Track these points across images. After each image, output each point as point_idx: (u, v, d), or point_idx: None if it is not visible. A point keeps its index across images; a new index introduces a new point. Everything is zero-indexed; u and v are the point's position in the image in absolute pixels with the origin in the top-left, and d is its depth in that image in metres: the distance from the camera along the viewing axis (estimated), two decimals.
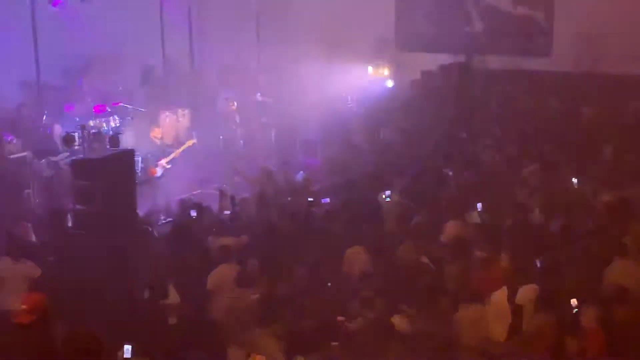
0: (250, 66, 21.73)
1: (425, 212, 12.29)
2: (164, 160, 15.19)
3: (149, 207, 14.62)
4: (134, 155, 12.51)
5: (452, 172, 14.57)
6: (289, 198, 13.95)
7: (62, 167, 14.96)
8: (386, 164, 16.06)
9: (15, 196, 14.57)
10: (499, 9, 21.98)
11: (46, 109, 17.11)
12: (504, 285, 9.57)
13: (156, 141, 15.26)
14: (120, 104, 17.63)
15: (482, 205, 12.53)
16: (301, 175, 15.01)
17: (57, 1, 17.60)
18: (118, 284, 10.33)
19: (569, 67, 20.07)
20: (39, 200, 14.90)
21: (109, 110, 17.24)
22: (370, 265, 10.35)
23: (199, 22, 21.27)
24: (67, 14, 18.41)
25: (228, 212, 13.16)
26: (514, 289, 9.53)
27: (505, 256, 10.30)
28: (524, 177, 14.01)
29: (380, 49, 22.33)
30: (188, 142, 16.39)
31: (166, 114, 18.10)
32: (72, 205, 11.33)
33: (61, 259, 11.05)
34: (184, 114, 18.68)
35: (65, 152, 15.39)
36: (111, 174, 10.91)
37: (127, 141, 16.31)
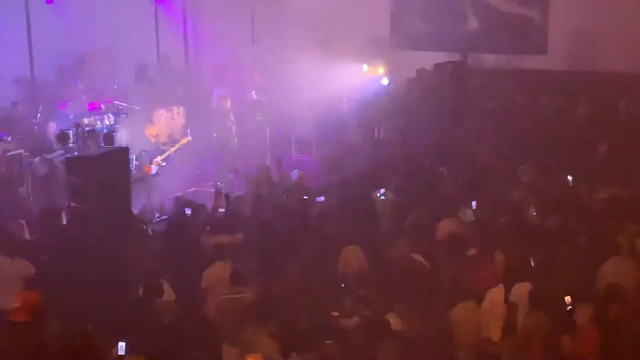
0: (245, 64, 21.69)
1: (420, 210, 12.29)
2: (159, 158, 15.16)
3: (143, 205, 14.62)
4: (129, 153, 12.47)
5: (446, 170, 14.56)
6: (284, 196, 13.93)
7: (56, 164, 14.93)
8: (381, 162, 16.06)
9: (9, 194, 14.55)
10: (494, 7, 22.01)
11: (40, 106, 17.06)
12: (498, 283, 9.57)
13: (151, 139, 15.23)
14: (115, 102, 17.60)
15: (476, 203, 12.54)
16: (296, 174, 14.99)
17: None
18: (112, 282, 10.30)
19: (564, 66, 20.13)
20: (34, 198, 14.88)
21: (103, 108, 17.21)
22: (365, 264, 10.34)
23: (193, 19, 21.24)
24: (62, 11, 18.39)
25: (223, 210, 13.14)
26: (508, 287, 9.54)
27: (500, 254, 10.30)
28: (519, 175, 14.02)
29: (376, 47, 22.32)
30: (183, 139, 16.36)
31: (161, 112, 18.07)
32: (67, 203, 11.31)
33: (55, 257, 11.02)
34: (178, 112, 18.65)
35: (60, 149, 15.36)
36: (105, 171, 10.88)
37: (121, 139, 16.31)
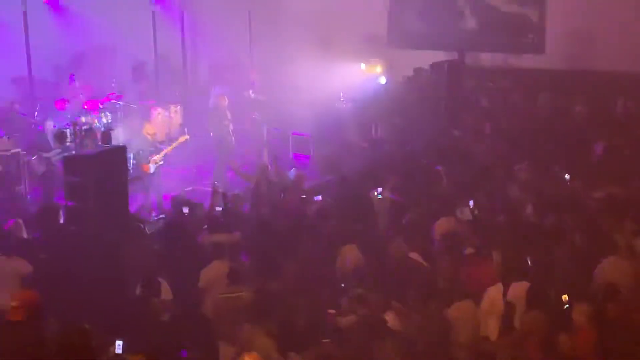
0: (242, 63, 21.70)
1: (418, 209, 12.29)
2: (156, 157, 15.14)
3: (141, 204, 14.62)
4: (126, 151, 12.46)
5: (444, 169, 14.56)
6: (281, 195, 13.92)
7: (54, 163, 14.92)
8: (379, 161, 16.06)
9: (7, 192, 14.54)
10: (491, 6, 22.01)
11: (38, 105, 17.06)
12: (495, 282, 9.58)
13: (148, 137, 15.21)
14: (112, 100, 17.61)
15: (474, 202, 12.54)
16: (293, 173, 14.98)
17: None
18: (110, 280, 10.29)
19: (562, 65, 20.14)
20: (31, 196, 14.87)
21: (100, 106, 17.21)
22: (362, 263, 10.34)
23: (191, 18, 21.22)
24: (59, 10, 18.40)
25: (220, 208, 13.14)
26: (505, 286, 9.54)
27: (497, 253, 10.31)
28: (516, 174, 14.02)
29: (374, 46, 22.33)
30: (180, 138, 16.33)
31: (158, 110, 18.07)
32: (64, 201, 11.30)
33: (53, 255, 11.01)
34: (176, 110, 18.66)
35: (57, 148, 15.35)
36: (103, 170, 10.87)
37: (119, 137, 16.30)
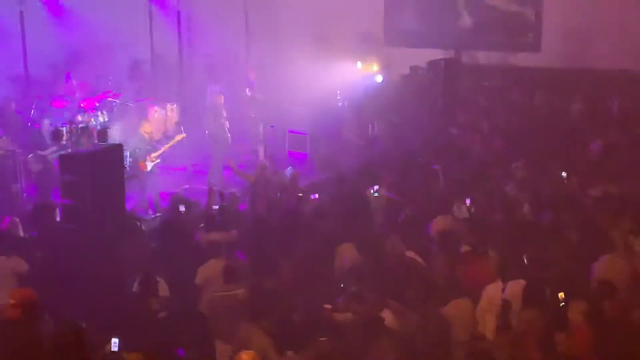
0: (238, 61, 21.68)
1: (414, 207, 12.30)
2: (153, 155, 15.13)
3: (137, 202, 14.61)
4: (123, 149, 12.46)
5: (440, 167, 14.57)
6: (278, 194, 13.93)
7: (50, 161, 14.91)
8: (375, 159, 16.06)
9: (3, 191, 14.52)
10: (488, 5, 22.04)
11: (34, 103, 17.04)
12: (491, 280, 9.58)
13: (145, 136, 15.20)
14: (109, 99, 17.59)
15: (470, 200, 12.55)
16: (290, 171, 14.99)
17: None
18: (107, 278, 10.29)
19: (558, 63, 20.16)
20: (27, 194, 14.85)
21: (97, 104, 17.19)
22: (359, 261, 10.33)
23: (187, 16, 21.20)
24: (55, 8, 18.37)
25: (216, 207, 13.13)
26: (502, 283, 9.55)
27: (494, 251, 10.31)
28: (513, 172, 14.03)
29: (370, 44, 22.33)
30: (177, 136, 16.33)
31: (155, 108, 18.05)
32: (61, 200, 11.30)
33: (49, 253, 11.01)
34: (172, 109, 18.64)
35: (54, 146, 15.33)
36: (99, 168, 10.88)
37: (115, 136, 16.28)
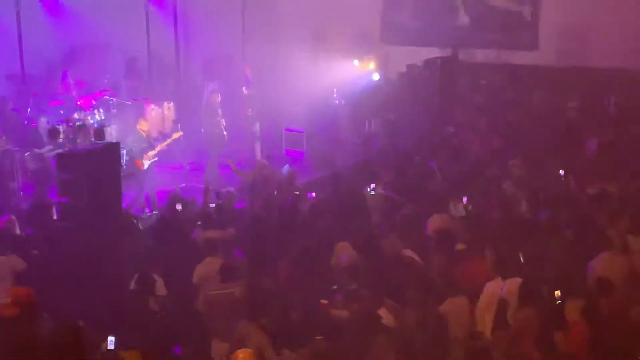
0: (235, 59, 21.66)
1: (411, 205, 12.30)
2: (150, 153, 15.11)
3: (134, 200, 14.60)
4: (119, 148, 12.45)
5: (437, 165, 14.57)
6: (275, 192, 13.92)
7: (47, 159, 14.88)
8: (372, 157, 16.07)
9: (0, 189, 14.50)
10: (485, 3, 22.01)
11: (31, 101, 17.02)
12: (488, 277, 9.58)
13: (142, 134, 15.18)
14: (105, 97, 17.58)
15: (467, 198, 12.55)
16: (286, 169, 14.98)
17: None
18: (104, 276, 10.29)
19: (555, 61, 20.17)
20: (24, 193, 14.83)
21: (94, 103, 17.18)
22: (356, 259, 10.33)
23: (184, 14, 21.17)
24: (52, 7, 18.35)
25: (213, 205, 13.13)
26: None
27: (490, 249, 10.30)
28: (510, 170, 14.04)
29: (367, 42, 22.32)
30: (174, 134, 16.30)
31: (152, 106, 18.04)
32: (57, 198, 11.29)
33: (46, 251, 11.00)
34: (169, 107, 18.62)
35: (50, 144, 15.31)
36: (96, 166, 10.86)
37: (112, 134, 16.28)
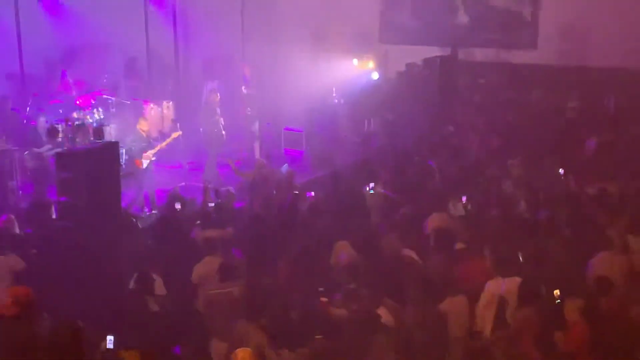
0: (234, 58, 21.66)
1: (410, 205, 12.29)
2: (149, 152, 15.10)
3: (133, 199, 14.59)
4: (119, 147, 12.44)
5: (436, 164, 14.57)
6: (274, 192, 13.92)
7: (46, 159, 14.87)
8: (371, 156, 16.07)
9: None
10: (484, 2, 22.01)
11: (30, 101, 17.00)
12: (487, 277, 9.57)
13: (142, 133, 15.17)
14: (104, 96, 17.57)
15: (466, 197, 12.54)
16: (285, 169, 14.98)
17: None
18: (103, 276, 10.29)
19: (554, 60, 20.18)
20: (23, 192, 14.82)
21: (93, 102, 17.17)
22: (355, 258, 10.32)
23: (183, 13, 21.16)
24: (51, 6, 18.33)
25: (213, 204, 13.13)
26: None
27: (489, 248, 10.29)
28: (509, 169, 14.04)
29: (366, 41, 22.31)
30: (174, 134, 16.29)
31: (151, 106, 18.03)
32: (56, 197, 11.28)
33: (45, 251, 10.99)
34: (168, 106, 18.62)
35: (49, 144, 15.30)
36: (95, 166, 10.86)
37: (111, 133, 16.26)
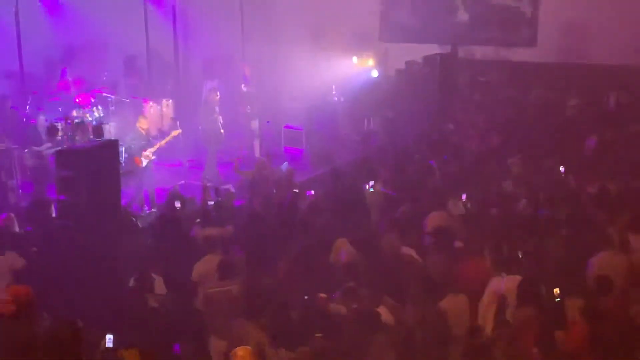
0: (234, 56, 21.66)
1: (410, 203, 12.28)
2: (149, 151, 15.10)
3: (133, 198, 14.59)
4: (118, 145, 12.44)
5: (436, 162, 14.56)
6: (274, 190, 13.92)
7: (45, 157, 14.87)
8: (371, 154, 16.06)
9: None
10: (484, 0, 22.00)
11: (29, 99, 17.00)
12: (487, 275, 9.57)
13: (141, 131, 15.17)
14: (104, 94, 17.56)
15: (466, 195, 12.53)
16: (285, 167, 14.98)
17: None
18: (102, 274, 10.28)
19: (554, 58, 20.16)
20: (23, 190, 14.82)
21: (92, 100, 17.17)
22: (355, 257, 10.32)
23: (183, 12, 21.15)
24: (51, 4, 18.33)
25: (212, 202, 13.13)
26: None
27: (489, 247, 10.28)
28: (509, 167, 14.02)
29: (365, 39, 22.30)
30: (173, 132, 16.29)
31: (150, 104, 18.03)
32: (56, 195, 11.29)
33: (45, 249, 10.99)
34: (167, 105, 18.62)
35: (49, 142, 15.30)
36: (95, 164, 10.86)
37: (111, 131, 16.26)
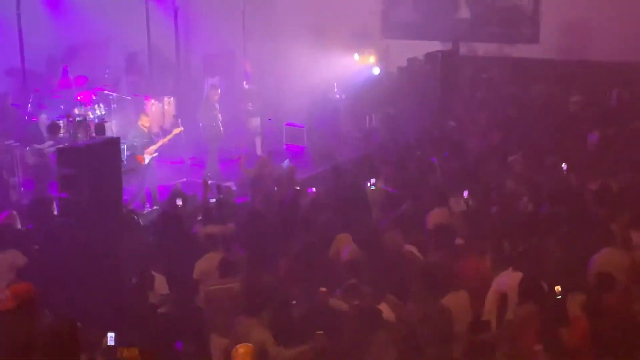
0: (235, 54, 21.66)
1: (411, 200, 12.28)
2: (151, 148, 15.11)
3: (135, 195, 14.60)
4: (120, 143, 12.44)
5: (438, 159, 14.55)
6: (275, 187, 13.92)
7: (47, 155, 14.88)
8: (372, 151, 16.06)
9: (0, 185, 14.50)
10: None
11: (31, 97, 17.01)
12: (488, 272, 9.57)
13: (143, 129, 15.17)
14: (105, 92, 17.57)
15: (468, 192, 12.52)
16: (287, 164, 14.97)
17: None
18: (104, 272, 10.29)
19: (556, 55, 20.15)
20: (24, 188, 14.84)
21: (94, 98, 17.18)
22: (356, 253, 10.31)
23: (184, 9, 21.15)
24: (52, 1, 18.33)
25: (214, 200, 13.13)
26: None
27: (491, 244, 10.29)
28: (510, 165, 14.01)
29: (367, 36, 22.31)
30: (175, 130, 16.29)
31: (152, 101, 18.03)
32: (58, 193, 11.28)
33: (47, 247, 11.00)
34: (169, 102, 18.62)
35: (51, 140, 15.31)
36: (96, 162, 10.85)
37: (112, 129, 16.25)
